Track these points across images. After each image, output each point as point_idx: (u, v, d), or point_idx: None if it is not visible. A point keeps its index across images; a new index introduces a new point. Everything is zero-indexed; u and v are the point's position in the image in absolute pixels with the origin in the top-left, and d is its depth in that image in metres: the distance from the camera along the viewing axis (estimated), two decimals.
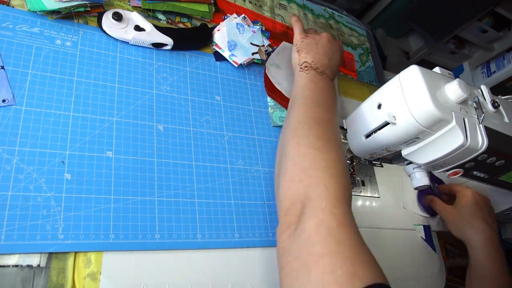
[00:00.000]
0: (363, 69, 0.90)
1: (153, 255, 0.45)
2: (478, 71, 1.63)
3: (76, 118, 0.48)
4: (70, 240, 0.41)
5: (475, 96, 0.48)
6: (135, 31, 0.57)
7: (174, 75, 0.59)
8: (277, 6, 0.83)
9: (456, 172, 0.51)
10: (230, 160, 0.57)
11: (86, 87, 0.51)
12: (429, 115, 0.44)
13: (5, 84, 0.46)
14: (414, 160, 0.51)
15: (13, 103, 0.45)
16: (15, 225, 0.40)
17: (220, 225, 0.51)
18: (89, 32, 0.55)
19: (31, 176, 0.43)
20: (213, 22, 0.69)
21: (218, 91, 0.62)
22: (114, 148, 0.49)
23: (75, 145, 0.47)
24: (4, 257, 0.39)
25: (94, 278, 0.41)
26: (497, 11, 1.63)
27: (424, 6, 1.62)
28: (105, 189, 0.46)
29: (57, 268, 0.40)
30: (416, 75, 0.46)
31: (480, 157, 0.47)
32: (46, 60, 0.50)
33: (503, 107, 0.51)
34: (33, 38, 0.50)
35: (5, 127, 0.44)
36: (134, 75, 0.56)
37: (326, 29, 0.89)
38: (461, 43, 1.90)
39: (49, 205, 0.42)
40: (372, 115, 0.51)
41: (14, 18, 0.50)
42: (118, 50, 0.56)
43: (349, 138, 0.56)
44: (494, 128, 0.47)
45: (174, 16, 0.65)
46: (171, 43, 0.59)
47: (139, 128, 0.52)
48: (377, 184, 0.70)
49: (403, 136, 0.48)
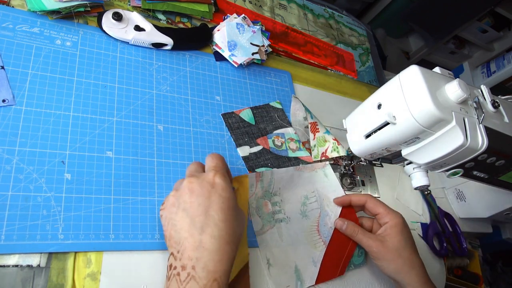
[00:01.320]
0: (363, 69, 0.90)
1: (153, 255, 0.45)
2: (478, 71, 1.63)
3: (76, 118, 0.48)
4: (70, 240, 0.41)
5: (475, 96, 0.48)
6: (135, 31, 0.57)
7: (174, 75, 0.59)
8: (277, 6, 0.83)
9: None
10: (231, 160, 0.57)
11: (86, 87, 0.51)
12: (429, 115, 0.44)
13: (5, 84, 0.46)
14: (414, 160, 0.51)
15: (13, 103, 0.45)
16: (15, 225, 0.40)
17: None
18: (89, 32, 0.55)
19: (31, 176, 0.43)
20: (213, 22, 0.69)
21: (218, 91, 0.62)
22: (114, 148, 0.49)
23: (75, 145, 0.47)
24: (4, 257, 0.39)
25: (94, 278, 0.41)
26: (497, 11, 1.63)
27: (424, 6, 1.63)
28: (105, 189, 0.46)
29: (57, 268, 0.40)
30: (416, 75, 0.46)
31: (480, 157, 0.47)
32: (46, 60, 0.50)
33: (503, 107, 0.51)
34: (33, 38, 0.50)
35: (5, 127, 0.44)
36: (134, 75, 0.56)
37: (326, 29, 0.89)
38: (461, 43, 1.91)
39: (49, 205, 0.42)
40: (372, 115, 0.51)
41: (14, 18, 0.50)
42: (118, 50, 0.56)
43: (349, 138, 0.56)
44: (494, 128, 0.47)
45: (174, 16, 0.65)
46: (171, 43, 0.59)
47: (139, 128, 0.52)
48: (377, 184, 0.70)
49: (403, 136, 0.48)
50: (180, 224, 0.40)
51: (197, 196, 0.41)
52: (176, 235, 0.40)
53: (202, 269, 0.37)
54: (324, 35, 0.87)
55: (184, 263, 0.38)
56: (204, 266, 0.38)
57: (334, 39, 0.89)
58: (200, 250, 0.38)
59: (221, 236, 0.39)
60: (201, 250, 0.38)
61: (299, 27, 0.83)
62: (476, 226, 0.79)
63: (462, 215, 0.77)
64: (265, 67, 0.70)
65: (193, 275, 0.37)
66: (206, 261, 0.38)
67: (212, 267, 0.38)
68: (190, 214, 0.40)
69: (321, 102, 0.75)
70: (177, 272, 0.38)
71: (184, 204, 0.41)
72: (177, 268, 0.38)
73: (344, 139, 0.59)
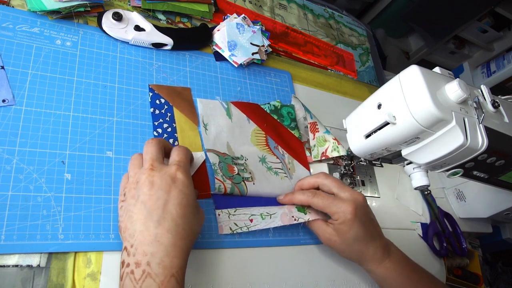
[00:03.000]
0: (363, 69, 0.90)
1: None
2: (478, 71, 1.63)
3: (76, 118, 0.48)
4: (70, 240, 0.41)
5: (475, 96, 0.48)
6: (135, 31, 0.57)
7: (174, 75, 0.59)
8: (277, 6, 0.83)
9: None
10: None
11: (86, 87, 0.51)
12: (429, 115, 0.44)
13: (5, 84, 0.46)
14: (414, 160, 0.51)
15: (13, 103, 0.45)
16: (15, 225, 0.40)
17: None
18: (89, 32, 0.55)
19: (31, 176, 0.43)
20: (213, 22, 0.69)
21: (218, 91, 0.62)
22: (114, 148, 0.49)
23: (75, 145, 0.47)
24: (4, 257, 0.39)
25: (94, 278, 0.41)
26: (497, 11, 1.63)
27: (424, 6, 1.63)
28: (105, 189, 0.46)
29: (57, 268, 0.40)
30: (416, 75, 0.46)
31: (480, 157, 0.47)
32: (46, 60, 0.50)
33: (503, 107, 0.51)
34: (33, 38, 0.50)
35: (5, 127, 0.44)
36: (134, 75, 0.55)
37: (326, 29, 0.89)
38: (461, 43, 1.91)
39: (49, 205, 0.42)
40: (372, 115, 0.51)
41: (14, 18, 0.50)
42: (118, 50, 0.56)
43: (349, 138, 0.56)
44: (494, 128, 0.47)
45: (174, 16, 0.65)
46: (171, 43, 0.59)
47: (139, 128, 0.52)
48: (377, 184, 0.70)
49: (403, 136, 0.48)
50: (137, 215, 0.39)
51: (157, 190, 0.40)
52: (131, 226, 0.39)
53: (158, 265, 0.36)
54: (324, 35, 0.87)
55: (138, 259, 0.36)
56: (160, 261, 0.36)
57: (334, 39, 0.89)
58: (155, 245, 0.37)
59: (177, 232, 0.39)
60: (156, 245, 0.37)
61: (299, 27, 0.83)
62: (476, 226, 0.79)
63: (462, 215, 0.77)
64: (265, 67, 0.70)
65: (148, 272, 0.36)
66: (161, 256, 0.37)
67: (169, 263, 0.37)
68: (147, 207, 0.39)
69: (321, 102, 0.75)
70: (130, 270, 0.36)
71: (143, 196, 0.39)
72: (130, 266, 0.37)
73: (344, 139, 0.59)
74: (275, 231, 0.54)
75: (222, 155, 0.55)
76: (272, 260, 0.53)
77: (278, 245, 0.54)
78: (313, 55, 0.81)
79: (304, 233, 0.57)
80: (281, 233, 0.55)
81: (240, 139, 0.58)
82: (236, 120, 0.60)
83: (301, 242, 0.56)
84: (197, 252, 0.47)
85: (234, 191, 0.52)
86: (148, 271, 0.36)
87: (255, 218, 0.52)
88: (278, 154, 0.61)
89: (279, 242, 0.54)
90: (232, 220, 0.51)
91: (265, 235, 0.53)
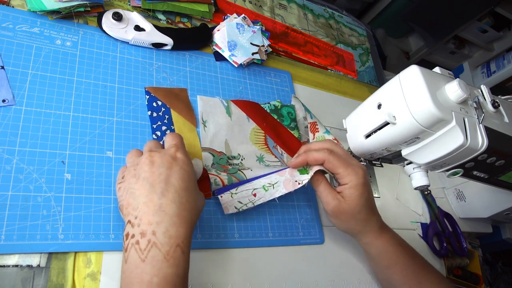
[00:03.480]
0: (363, 69, 0.90)
1: None
2: (478, 71, 1.63)
3: (76, 118, 0.48)
4: (70, 240, 0.41)
5: (475, 96, 0.48)
6: (135, 31, 0.57)
7: (174, 75, 0.59)
8: (277, 6, 0.83)
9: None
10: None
11: (86, 87, 0.51)
12: (429, 115, 0.44)
13: (5, 84, 0.46)
14: (414, 160, 0.51)
15: (13, 103, 0.45)
16: (15, 225, 0.40)
17: (219, 225, 0.51)
18: (89, 32, 0.55)
19: (31, 176, 0.43)
20: (213, 22, 0.69)
21: (218, 91, 0.62)
22: (114, 148, 0.49)
23: (75, 145, 0.47)
24: (4, 257, 0.39)
25: (94, 278, 0.41)
26: (497, 11, 1.63)
27: (424, 6, 1.63)
28: (105, 189, 0.46)
29: (57, 268, 0.40)
30: (416, 75, 0.46)
31: (480, 157, 0.47)
32: (46, 60, 0.50)
33: (503, 107, 0.51)
34: (33, 38, 0.50)
35: (5, 127, 0.44)
36: (134, 75, 0.55)
37: (326, 29, 0.89)
38: (461, 43, 1.91)
39: (49, 205, 0.42)
40: (372, 115, 0.51)
41: (14, 18, 0.50)
42: (118, 50, 0.56)
43: (349, 138, 0.56)
44: (494, 128, 0.47)
45: (174, 16, 0.65)
46: (171, 43, 0.59)
47: (139, 128, 0.52)
48: (377, 184, 0.70)
49: (403, 136, 0.48)
50: (139, 191, 0.38)
51: (158, 167, 0.40)
52: (134, 201, 0.38)
53: (164, 234, 0.36)
54: (324, 35, 0.87)
55: (143, 228, 0.36)
56: (165, 230, 0.36)
57: (334, 39, 0.89)
58: (160, 214, 0.36)
59: (181, 203, 0.38)
60: (161, 214, 0.36)
61: (299, 27, 0.83)
62: (476, 226, 0.79)
63: (462, 215, 0.77)
64: (265, 67, 0.70)
65: (154, 241, 0.35)
66: (167, 225, 0.36)
67: (174, 232, 0.36)
68: (150, 181, 0.38)
69: (321, 102, 0.75)
70: (135, 240, 0.36)
71: (145, 173, 0.39)
72: (135, 236, 0.36)
73: (344, 139, 0.59)
74: (275, 231, 0.54)
75: (218, 154, 0.55)
76: (272, 260, 0.53)
77: (278, 245, 0.54)
78: (313, 55, 0.81)
79: (304, 233, 0.57)
80: (281, 233, 0.55)
81: (239, 137, 0.59)
82: (236, 119, 0.60)
83: (301, 242, 0.56)
84: (197, 252, 0.48)
85: (232, 181, 0.52)
86: (153, 240, 0.35)
87: (258, 192, 0.52)
88: (277, 153, 0.61)
89: (279, 242, 0.54)
90: (236, 198, 0.51)
91: (265, 235, 0.53)
